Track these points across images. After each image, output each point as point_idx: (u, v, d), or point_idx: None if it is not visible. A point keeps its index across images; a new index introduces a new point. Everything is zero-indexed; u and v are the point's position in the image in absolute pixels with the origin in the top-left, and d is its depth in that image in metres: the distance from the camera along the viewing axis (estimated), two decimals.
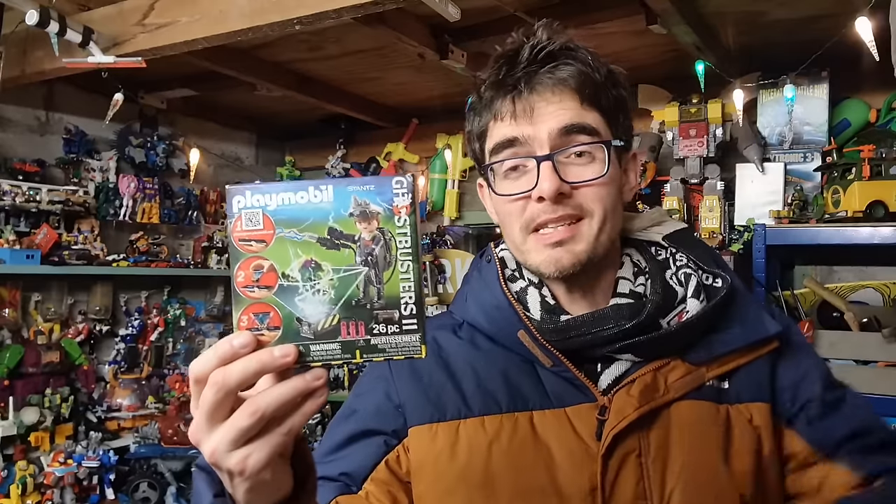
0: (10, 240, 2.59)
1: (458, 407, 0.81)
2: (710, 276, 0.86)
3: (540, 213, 0.78)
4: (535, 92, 0.79)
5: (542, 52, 0.80)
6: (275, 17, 1.82)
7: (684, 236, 0.91)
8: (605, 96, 0.81)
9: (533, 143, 0.78)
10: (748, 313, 0.83)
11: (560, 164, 0.78)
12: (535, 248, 0.80)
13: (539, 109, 0.78)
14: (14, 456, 2.50)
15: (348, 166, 3.71)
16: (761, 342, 0.82)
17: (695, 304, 0.82)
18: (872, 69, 1.98)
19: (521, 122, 0.79)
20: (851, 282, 2.29)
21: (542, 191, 0.77)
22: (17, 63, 2.32)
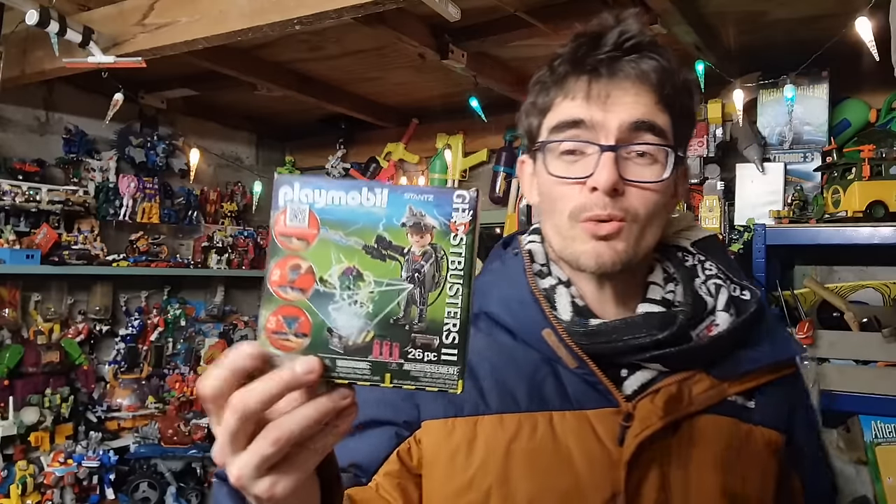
0: (9, 240, 2.59)
1: (475, 402, 0.79)
2: (738, 287, 0.85)
3: (591, 206, 0.75)
4: (614, 78, 0.76)
5: (630, 41, 0.76)
6: (275, 17, 1.82)
7: (712, 244, 0.89)
8: (679, 102, 0.79)
9: (599, 129, 0.75)
10: (776, 331, 0.83)
11: (621, 159, 0.75)
12: (582, 236, 0.77)
13: (614, 97, 0.76)
14: (14, 456, 2.50)
15: (348, 166, 3.71)
16: (784, 363, 0.82)
17: (725, 318, 0.81)
18: (872, 69, 1.98)
19: (593, 106, 0.76)
20: (851, 282, 2.29)
21: (598, 181, 0.74)
22: (17, 63, 2.32)
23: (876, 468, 2.14)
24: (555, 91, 0.80)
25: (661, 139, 0.76)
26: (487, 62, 2.64)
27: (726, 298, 0.82)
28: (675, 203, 0.85)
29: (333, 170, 3.70)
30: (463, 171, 3.38)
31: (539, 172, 0.81)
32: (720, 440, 0.78)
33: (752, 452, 0.79)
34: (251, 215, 3.73)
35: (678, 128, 0.79)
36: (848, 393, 2.04)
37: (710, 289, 0.83)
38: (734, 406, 0.79)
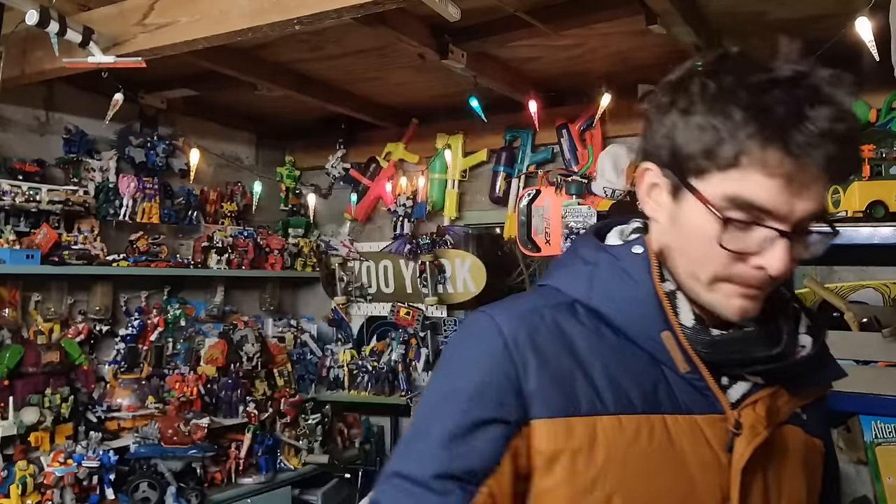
0: (9, 240, 2.59)
1: (591, 401, 0.76)
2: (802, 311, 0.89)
3: (752, 281, 0.74)
4: (818, 168, 0.70)
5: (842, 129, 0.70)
6: (275, 17, 1.82)
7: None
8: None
9: (784, 214, 0.71)
10: (824, 353, 0.88)
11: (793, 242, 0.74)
12: (727, 293, 0.76)
13: (809, 188, 0.71)
14: (14, 456, 2.50)
15: (348, 166, 3.71)
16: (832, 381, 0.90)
17: (808, 340, 0.85)
18: (872, 69, 1.98)
19: (788, 191, 0.70)
20: (851, 281, 2.29)
21: (774, 269, 0.72)
22: (17, 63, 2.32)
23: (876, 468, 2.15)
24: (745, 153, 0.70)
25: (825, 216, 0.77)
26: (487, 62, 2.64)
27: (809, 323, 0.87)
28: None
29: (333, 170, 3.71)
30: (463, 171, 3.38)
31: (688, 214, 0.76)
32: (799, 448, 0.84)
33: (813, 460, 0.86)
34: (251, 215, 3.73)
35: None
36: (848, 393, 2.04)
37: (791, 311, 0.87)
38: (800, 418, 0.85)
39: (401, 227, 3.45)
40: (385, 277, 3.59)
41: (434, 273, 3.37)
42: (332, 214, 3.90)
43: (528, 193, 3.09)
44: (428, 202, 3.42)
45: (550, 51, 2.56)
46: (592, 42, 2.45)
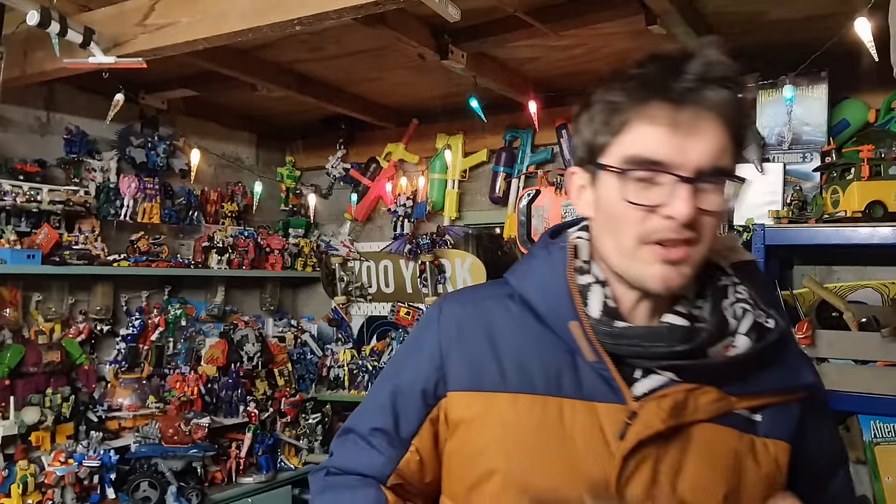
0: (10, 240, 2.59)
1: (494, 379, 0.86)
2: (764, 315, 0.87)
3: (666, 231, 0.78)
4: (699, 109, 0.77)
5: (715, 71, 0.78)
6: (275, 18, 1.82)
7: (750, 269, 0.92)
8: (742, 130, 0.83)
9: (679, 160, 0.77)
10: (790, 359, 0.87)
11: (697, 189, 0.78)
12: (649, 259, 0.80)
13: (697, 128, 0.77)
14: (15, 455, 2.50)
15: (348, 166, 3.71)
16: (790, 389, 0.86)
17: (744, 342, 0.84)
18: (871, 69, 1.98)
19: (677, 135, 0.77)
20: (850, 281, 2.29)
21: (678, 213, 0.76)
22: (17, 63, 2.33)
23: (875, 467, 2.15)
24: (632, 111, 0.79)
25: (731, 172, 0.80)
26: (487, 62, 2.65)
27: (750, 324, 0.85)
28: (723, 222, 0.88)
29: (333, 170, 3.71)
30: (463, 171, 3.38)
31: (602, 190, 0.83)
32: (717, 447, 0.82)
33: (752, 461, 0.83)
34: (251, 215, 3.74)
35: (738, 155, 0.82)
36: (847, 393, 2.05)
37: (736, 311, 0.87)
38: (740, 418, 0.83)
39: (401, 227, 3.45)
40: (385, 277, 3.60)
41: (434, 273, 3.37)
42: (332, 214, 3.91)
43: (528, 193, 3.10)
44: (428, 202, 3.42)
45: (550, 51, 2.57)
46: (592, 42, 2.46)
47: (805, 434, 0.86)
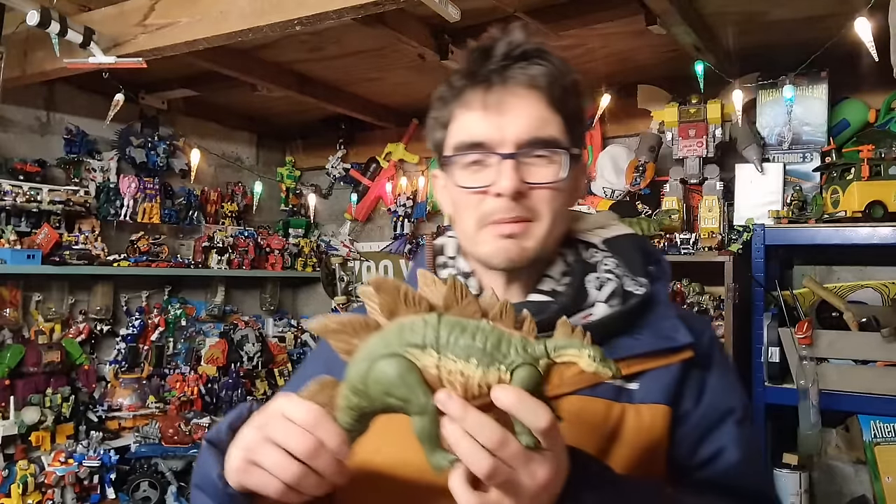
0: (10, 240, 2.59)
1: None
2: (633, 282, 0.88)
3: (496, 210, 0.81)
4: (506, 86, 0.81)
5: (518, 50, 0.82)
6: (275, 18, 1.82)
7: (624, 242, 0.93)
8: (569, 103, 0.84)
9: (497, 138, 0.81)
10: (663, 323, 0.85)
11: (521, 164, 0.81)
12: (487, 239, 0.83)
13: (508, 104, 0.81)
14: (15, 455, 2.50)
15: (348, 166, 3.71)
16: (670, 351, 0.83)
17: (602, 309, 0.85)
18: (871, 69, 1.98)
19: (490, 114, 0.81)
20: (850, 281, 2.29)
21: (501, 188, 0.80)
22: (17, 63, 2.33)
23: (875, 467, 2.15)
24: (453, 104, 0.85)
25: (556, 142, 0.82)
26: None
27: (610, 291, 0.86)
28: (576, 199, 0.91)
29: (333, 170, 3.71)
30: None
31: (448, 185, 0.87)
32: (582, 417, 0.80)
33: (622, 429, 0.81)
34: (251, 215, 3.74)
35: (572, 126, 0.85)
36: (847, 393, 2.05)
37: (598, 282, 0.88)
38: (611, 388, 0.81)
39: (401, 227, 3.45)
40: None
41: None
42: (332, 214, 3.91)
43: None
44: (428, 202, 3.42)
45: None
46: (592, 42, 2.45)
47: (685, 393, 0.83)
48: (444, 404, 0.60)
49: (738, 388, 0.89)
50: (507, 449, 0.59)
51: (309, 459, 0.64)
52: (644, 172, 2.64)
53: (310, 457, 0.64)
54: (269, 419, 0.66)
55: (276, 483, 0.65)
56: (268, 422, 0.66)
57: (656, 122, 2.66)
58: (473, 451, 0.58)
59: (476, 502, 0.60)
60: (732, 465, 0.81)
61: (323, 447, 0.64)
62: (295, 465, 0.64)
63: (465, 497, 0.60)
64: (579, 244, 0.93)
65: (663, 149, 2.68)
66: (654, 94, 2.70)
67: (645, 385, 0.82)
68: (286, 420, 0.65)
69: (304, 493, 0.66)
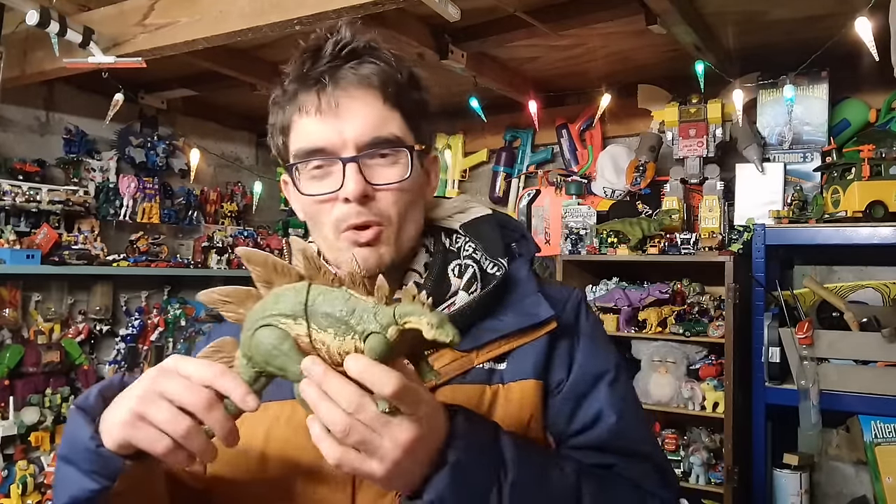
0: (10, 240, 2.59)
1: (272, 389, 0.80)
2: (492, 264, 0.88)
3: (347, 217, 0.80)
4: (339, 87, 0.80)
5: (346, 49, 0.81)
6: (275, 18, 1.82)
7: (482, 223, 0.92)
8: (407, 98, 0.83)
9: (338, 142, 0.80)
10: (523, 301, 0.85)
11: (365, 166, 0.80)
12: (346, 246, 0.82)
13: (344, 105, 0.80)
14: (14, 456, 2.50)
15: None
16: (534, 327, 0.83)
17: (463, 296, 0.84)
18: (872, 69, 1.98)
19: (327, 118, 0.80)
20: (851, 282, 2.29)
21: (347, 192, 0.79)
22: (17, 63, 2.32)
23: (875, 468, 2.15)
24: (290, 109, 0.83)
25: (397, 141, 0.81)
26: (487, 62, 2.64)
27: (468, 277, 0.86)
28: (433, 190, 0.91)
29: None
30: (463, 171, 3.38)
31: (297, 192, 0.85)
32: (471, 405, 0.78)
33: (495, 409, 0.81)
34: (251, 215, 3.73)
35: (413, 121, 0.84)
36: (848, 393, 2.05)
37: (459, 270, 0.87)
38: (482, 372, 0.82)
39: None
40: None
41: None
42: None
43: (528, 193, 3.09)
44: None
45: (550, 51, 2.56)
46: (592, 42, 2.45)
47: (554, 365, 0.83)
48: (308, 369, 0.62)
49: (607, 349, 0.88)
50: (364, 412, 0.60)
51: (203, 414, 0.63)
52: (644, 172, 2.64)
53: (204, 411, 0.63)
54: (162, 374, 0.65)
55: (164, 440, 0.63)
56: (160, 376, 0.65)
57: (657, 121, 2.65)
58: (330, 411, 0.60)
59: (338, 452, 0.61)
60: (610, 426, 0.81)
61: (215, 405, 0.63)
62: (186, 420, 0.63)
63: (326, 446, 0.61)
64: (441, 231, 0.92)
65: (664, 149, 2.68)
66: (654, 94, 2.70)
67: (513, 364, 0.82)
68: (181, 376, 0.64)
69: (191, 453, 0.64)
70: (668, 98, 2.63)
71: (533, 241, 0.95)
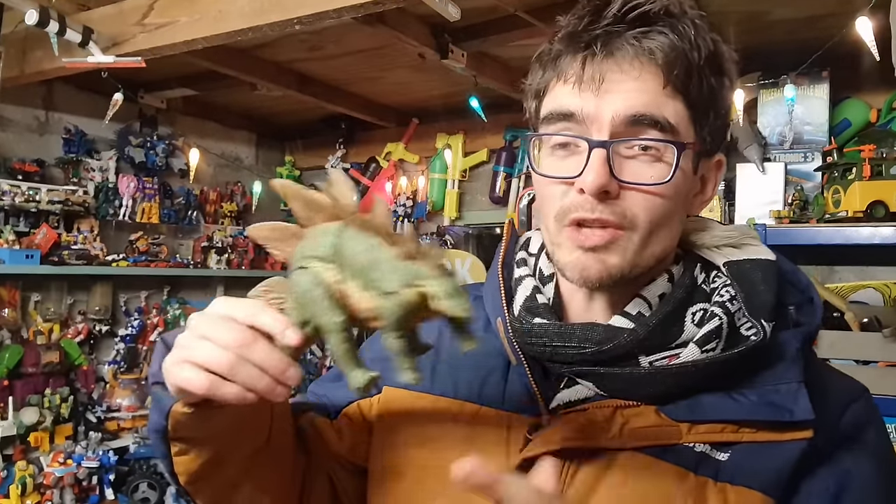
0: (9, 240, 2.59)
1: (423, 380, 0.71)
2: (748, 323, 0.68)
3: (577, 208, 0.65)
4: (611, 57, 0.64)
5: (635, 11, 0.64)
6: (275, 17, 1.82)
7: (756, 268, 0.71)
8: (699, 84, 0.66)
9: (592, 121, 0.65)
10: (777, 386, 0.64)
11: (617, 156, 0.64)
12: (568, 245, 0.67)
13: (610, 80, 0.64)
14: (13, 456, 2.50)
15: (348, 166, 3.70)
16: (779, 425, 0.63)
17: (693, 351, 0.66)
18: (873, 69, 1.98)
19: (586, 91, 0.65)
20: (852, 282, 2.29)
21: (584, 182, 0.64)
22: (16, 63, 2.32)
23: None
24: (549, 72, 0.69)
25: (667, 134, 0.64)
26: (487, 62, 2.64)
27: (709, 329, 0.66)
28: (704, 203, 0.74)
29: (333, 169, 3.70)
30: (463, 171, 3.37)
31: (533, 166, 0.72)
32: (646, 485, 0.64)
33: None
34: (251, 215, 3.73)
35: (699, 113, 0.67)
36: None
37: (702, 317, 0.69)
38: (692, 454, 0.64)
39: (401, 227, 3.44)
40: None
41: None
42: None
43: (528, 193, 3.09)
44: (428, 202, 3.41)
45: None
46: None
47: (798, 489, 0.63)
48: None
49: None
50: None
51: (243, 350, 0.57)
52: None
53: (243, 347, 0.57)
54: (202, 317, 0.61)
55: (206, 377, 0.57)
56: (201, 319, 0.61)
57: None
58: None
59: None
60: None
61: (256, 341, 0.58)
62: (227, 354, 0.57)
63: None
64: (698, 263, 0.74)
65: None
66: None
67: (739, 458, 0.63)
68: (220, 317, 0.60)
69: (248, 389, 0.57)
70: None
71: (821, 310, 0.72)
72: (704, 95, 0.67)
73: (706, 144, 0.69)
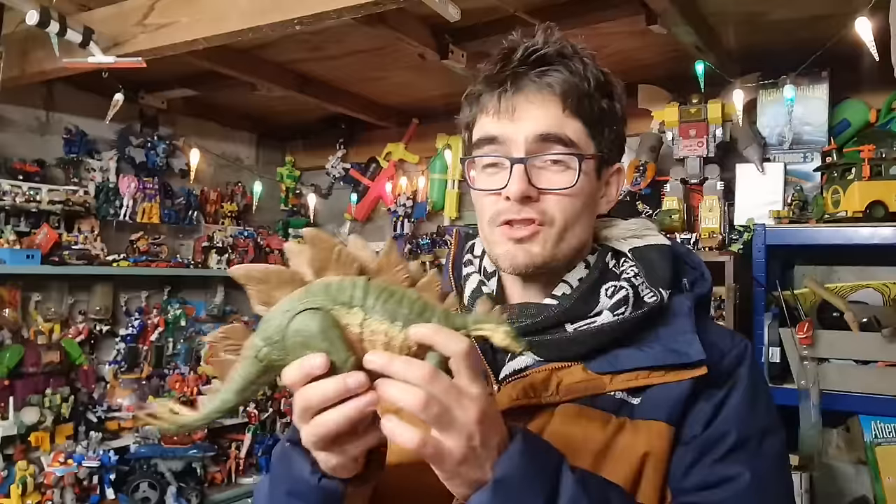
0: (10, 240, 2.59)
1: None
2: (650, 291, 0.84)
3: (506, 212, 0.82)
4: (519, 92, 0.82)
5: (534, 55, 0.82)
6: (275, 17, 1.82)
7: (653, 250, 0.88)
8: (590, 106, 0.83)
9: (511, 143, 0.82)
10: (675, 337, 0.80)
11: (533, 169, 0.81)
12: (499, 240, 0.84)
13: (520, 110, 0.81)
14: (14, 456, 2.50)
15: (348, 166, 3.71)
16: (681, 367, 0.78)
17: (606, 316, 0.82)
18: (872, 69, 1.98)
19: (503, 120, 0.82)
20: (851, 282, 2.29)
21: (509, 191, 0.80)
22: (17, 63, 2.32)
23: (876, 468, 2.15)
24: (474, 108, 0.86)
25: (569, 147, 0.81)
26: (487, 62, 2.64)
27: (618, 298, 0.83)
28: (610, 203, 0.90)
29: (333, 170, 3.71)
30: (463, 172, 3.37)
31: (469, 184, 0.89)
32: (576, 428, 0.78)
33: (616, 444, 0.77)
34: (251, 215, 3.73)
35: (595, 130, 0.84)
36: (848, 393, 2.05)
37: (612, 291, 0.84)
38: (612, 400, 0.79)
39: (401, 227, 3.44)
40: None
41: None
42: (332, 214, 3.90)
43: None
44: (428, 202, 3.42)
45: None
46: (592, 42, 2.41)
47: (692, 413, 0.78)
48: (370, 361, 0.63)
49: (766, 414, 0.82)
50: (437, 381, 0.61)
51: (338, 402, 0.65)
52: (645, 172, 2.64)
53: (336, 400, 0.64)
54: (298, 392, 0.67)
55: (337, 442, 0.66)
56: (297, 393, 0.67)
57: (657, 121, 2.65)
58: (404, 390, 0.61)
59: (416, 434, 0.61)
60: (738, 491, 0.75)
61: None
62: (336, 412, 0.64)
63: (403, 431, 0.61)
64: (609, 252, 0.90)
65: (664, 149, 2.67)
66: (654, 94, 2.70)
67: (648, 400, 0.79)
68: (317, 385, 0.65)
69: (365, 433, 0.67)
70: (669, 98, 2.63)
71: (710, 281, 0.90)
72: (597, 115, 0.84)
73: (605, 154, 0.86)
